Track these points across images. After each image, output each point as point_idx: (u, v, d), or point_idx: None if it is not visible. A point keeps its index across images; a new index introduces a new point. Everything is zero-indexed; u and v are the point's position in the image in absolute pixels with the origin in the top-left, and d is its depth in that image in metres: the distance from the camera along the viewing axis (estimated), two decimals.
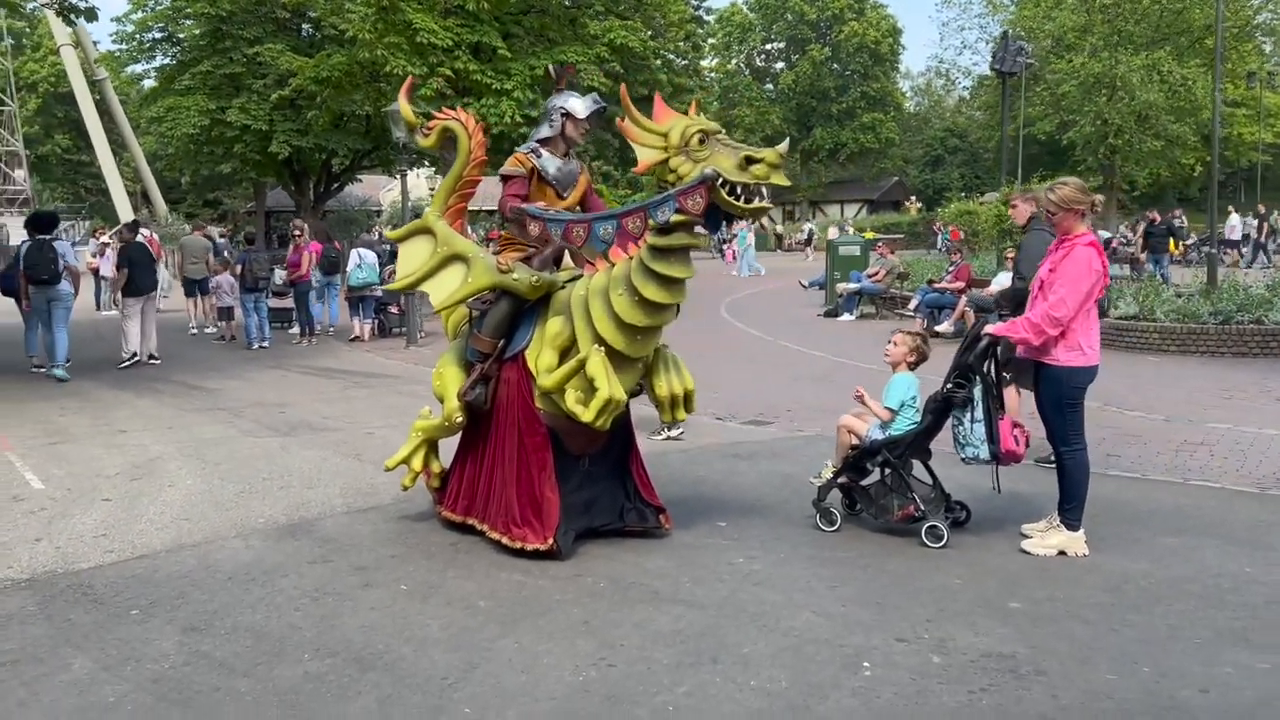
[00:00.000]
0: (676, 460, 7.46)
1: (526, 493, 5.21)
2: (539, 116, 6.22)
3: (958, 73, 47.09)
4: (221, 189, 47.41)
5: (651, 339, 5.10)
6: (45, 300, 11.69)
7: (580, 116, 5.67)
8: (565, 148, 5.78)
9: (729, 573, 4.99)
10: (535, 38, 20.59)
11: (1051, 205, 5.19)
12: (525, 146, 5.79)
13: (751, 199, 4.68)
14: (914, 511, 5.43)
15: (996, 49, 22.42)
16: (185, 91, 26.68)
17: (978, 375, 5.24)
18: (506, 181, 5.57)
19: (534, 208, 5.41)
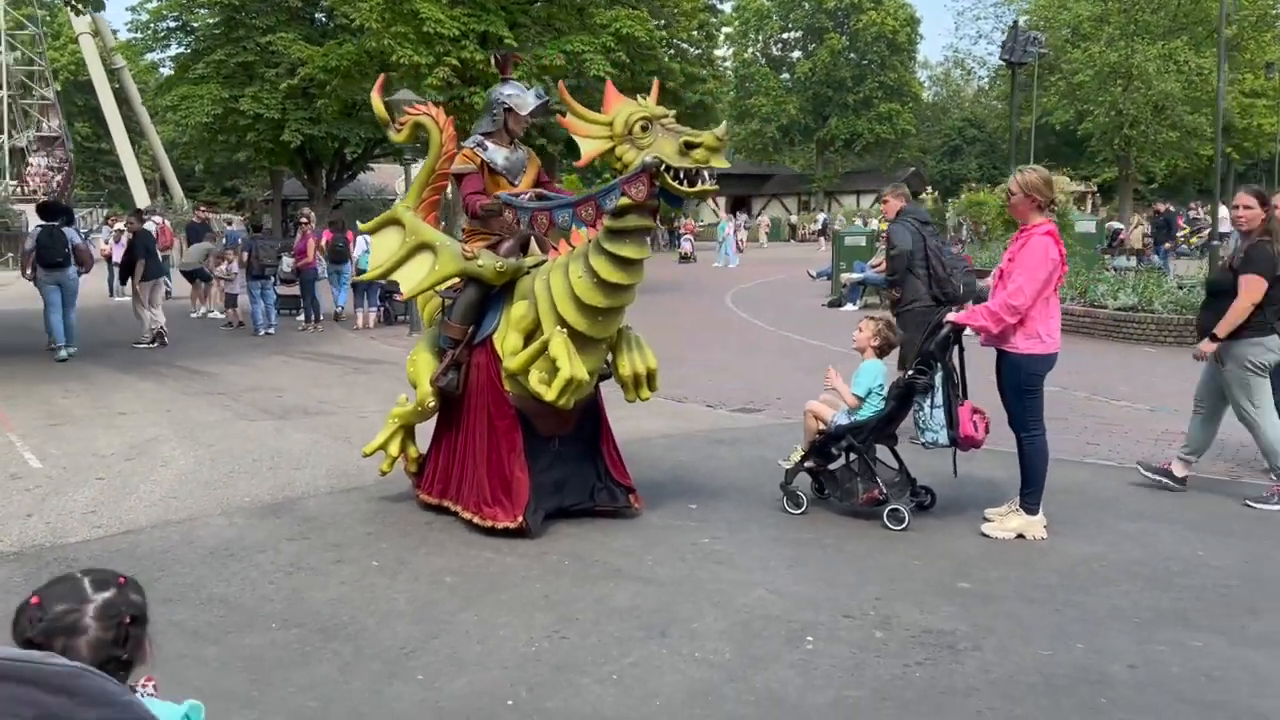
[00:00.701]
0: (659, 445, 7.60)
1: (497, 473, 5.37)
2: (482, 109, 6.33)
3: (973, 62, 46.80)
4: (239, 178, 47.86)
5: (613, 320, 5.23)
6: (55, 283, 12.12)
7: (523, 113, 5.79)
8: (510, 139, 5.89)
9: (691, 552, 5.13)
10: (543, 27, 20.70)
11: (1014, 187, 5.27)
12: (470, 141, 5.87)
13: (695, 183, 4.79)
14: (878, 495, 5.55)
15: (1006, 39, 22.33)
16: (199, 80, 26.96)
17: (939, 362, 5.35)
18: (460, 179, 5.69)
19: (508, 195, 5.52)
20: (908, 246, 7.27)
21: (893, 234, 7.43)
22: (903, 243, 7.29)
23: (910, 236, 7.30)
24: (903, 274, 7.37)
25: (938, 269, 7.26)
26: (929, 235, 7.41)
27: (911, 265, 7.29)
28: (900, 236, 7.35)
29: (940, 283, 7.24)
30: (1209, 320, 6.03)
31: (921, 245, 7.30)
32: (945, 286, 7.24)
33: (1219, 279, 6.14)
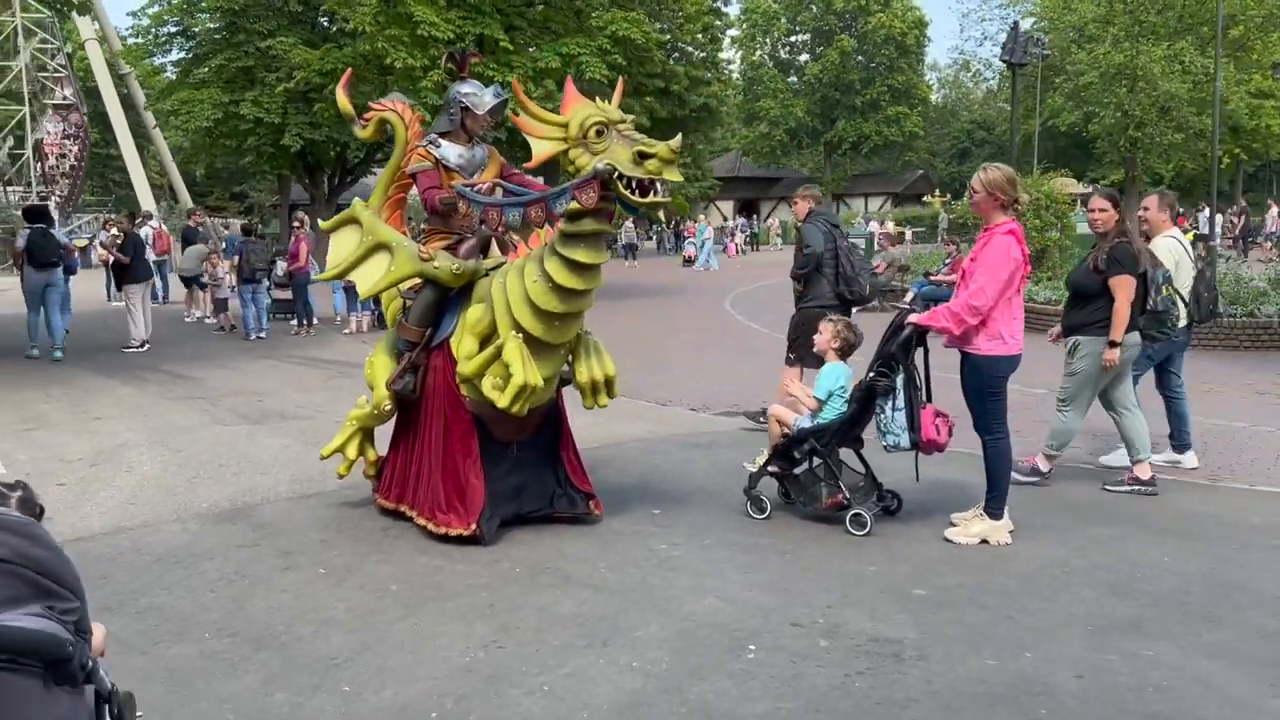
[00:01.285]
0: (634, 449, 7.51)
1: (452, 479, 5.28)
2: (440, 107, 6.25)
3: (979, 65, 46.58)
4: (246, 182, 47.95)
5: (570, 325, 5.13)
6: (44, 284, 12.42)
7: (480, 111, 5.71)
8: (468, 137, 5.81)
9: (646, 558, 5.03)
10: (539, 30, 20.62)
11: (976, 185, 5.16)
12: (425, 140, 5.80)
13: (647, 193, 4.68)
14: (841, 499, 5.44)
15: (1006, 40, 22.16)
16: (200, 85, 26.93)
17: (900, 364, 5.24)
18: (417, 177, 5.62)
19: (461, 186, 5.44)
20: (819, 247, 7.41)
21: (805, 233, 7.58)
22: (815, 243, 7.44)
23: (821, 237, 7.46)
24: (811, 272, 7.52)
25: (846, 269, 7.46)
26: (838, 237, 7.62)
27: (820, 264, 7.45)
28: (812, 236, 7.50)
29: (848, 281, 7.44)
30: (1076, 320, 6.15)
31: (832, 245, 7.46)
32: (853, 285, 7.46)
33: (1085, 280, 6.18)
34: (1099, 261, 6.02)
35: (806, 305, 7.53)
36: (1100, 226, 6.11)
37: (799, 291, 7.74)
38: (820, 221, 7.63)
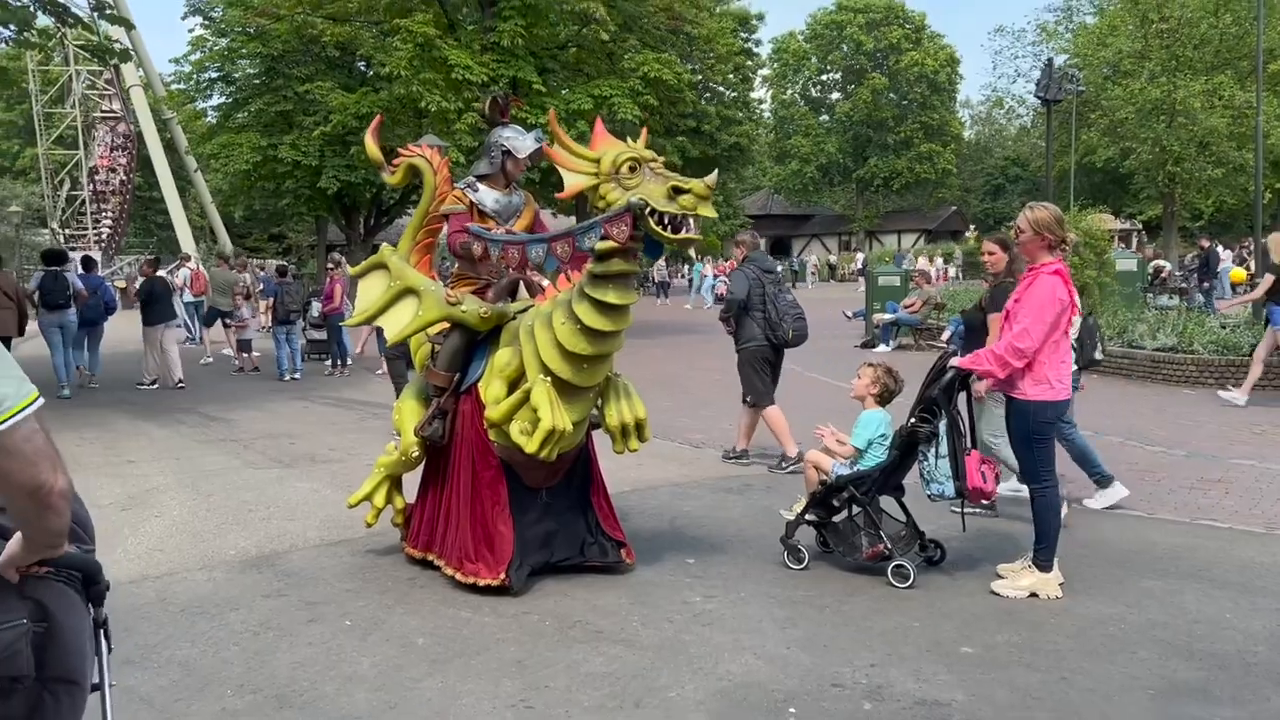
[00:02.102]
0: (665, 494, 7.35)
1: (480, 527, 5.16)
2: (479, 150, 6.23)
3: (1013, 101, 46.32)
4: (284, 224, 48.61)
5: (599, 368, 5.02)
6: (57, 324, 12.89)
7: (521, 156, 5.65)
8: (506, 182, 5.77)
9: (681, 612, 4.86)
10: (572, 72, 20.78)
11: (1023, 225, 5.01)
12: (463, 182, 5.77)
13: (679, 229, 4.59)
14: (883, 550, 5.25)
15: (1041, 76, 22.03)
16: (239, 129, 27.46)
17: (943, 409, 5.07)
18: (449, 219, 5.57)
19: (477, 226, 5.39)
20: (741, 294, 8.06)
21: (733, 280, 8.27)
22: (738, 290, 8.09)
23: (747, 284, 8.05)
24: (738, 316, 8.16)
25: (771, 314, 8.00)
26: (768, 282, 8.12)
27: (749, 308, 8.06)
28: (738, 284, 8.13)
29: (772, 326, 8.01)
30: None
31: (760, 291, 8.04)
32: (776, 330, 8.03)
33: (971, 318, 6.72)
34: (983, 300, 6.57)
35: (744, 346, 8.25)
36: (992, 268, 6.57)
37: (731, 333, 8.37)
38: (751, 268, 8.17)
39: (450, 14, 20.30)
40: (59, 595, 2.16)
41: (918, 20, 58.29)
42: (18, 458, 1.86)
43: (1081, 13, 39.47)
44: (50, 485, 1.91)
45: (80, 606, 2.24)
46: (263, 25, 25.13)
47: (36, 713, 2.10)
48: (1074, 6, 39.54)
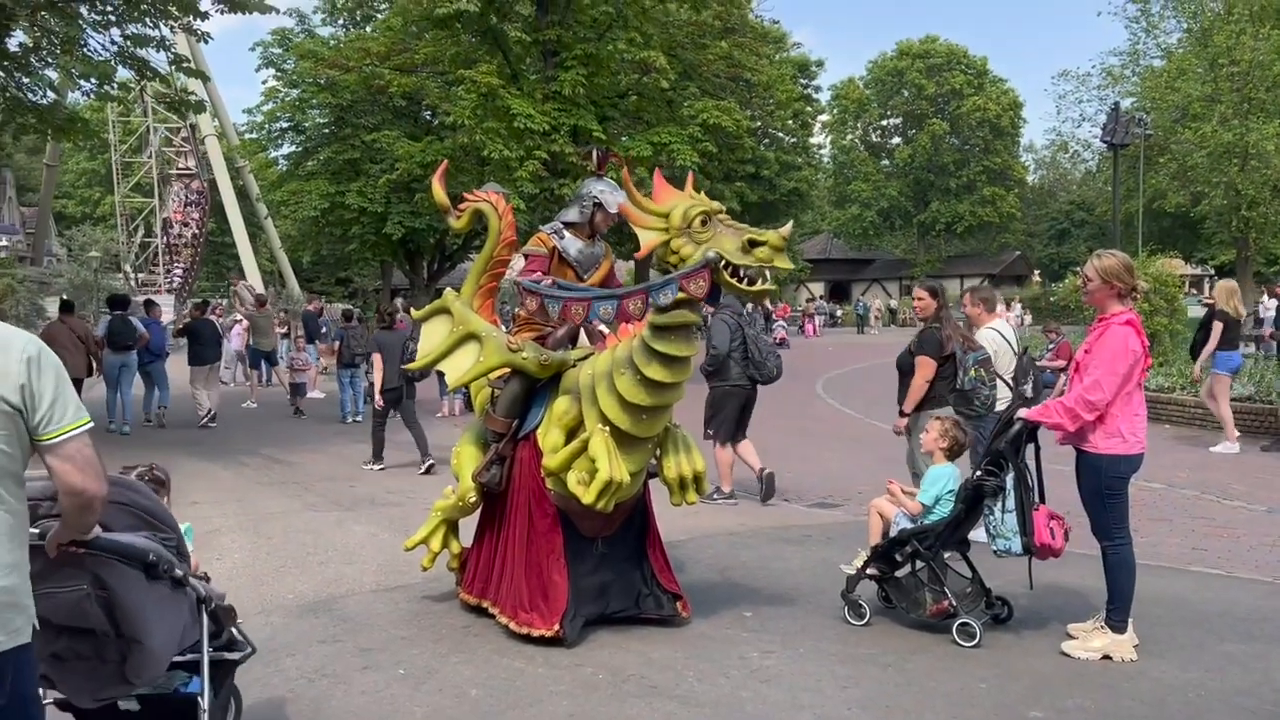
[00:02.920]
0: (722, 543, 7.25)
1: (535, 576, 5.12)
2: (571, 198, 6.28)
3: (1077, 145, 45.69)
4: (350, 268, 49.61)
5: (659, 419, 4.97)
6: (119, 365, 13.65)
7: (612, 210, 5.69)
8: (591, 233, 5.81)
9: (738, 667, 4.75)
10: (631, 120, 20.99)
11: (1091, 273, 4.87)
12: (549, 227, 5.85)
13: (755, 281, 4.57)
14: (947, 607, 5.10)
15: (1107, 121, 21.72)
16: (308, 176, 28.16)
17: (1010, 463, 4.92)
18: (526, 260, 5.62)
19: (529, 281, 5.41)
20: (724, 348, 8.48)
21: (714, 330, 8.62)
22: (720, 344, 8.49)
23: (729, 334, 8.48)
24: (720, 366, 8.56)
25: (755, 354, 8.44)
26: (746, 325, 8.56)
27: (730, 353, 8.48)
28: (719, 335, 8.52)
29: (757, 366, 8.45)
30: (901, 397, 7.06)
31: (740, 336, 8.48)
32: (761, 369, 8.48)
33: (901, 360, 7.11)
34: (912, 344, 7.00)
35: (717, 385, 8.60)
36: (921, 313, 7.04)
37: (709, 373, 8.63)
38: (728, 314, 8.50)
39: (514, 64, 20.67)
40: (117, 572, 2.83)
41: (979, 65, 58.01)
42: (70, 463, 2.46)
43: (1148, 56, 38.92)
44: (90, 489, 2.51)
45: (139, 582, 2.89)
46: (332, 76, 25.83)
47: (127, 661, 2.94)
48: (1140, 50, 39.01)
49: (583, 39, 19.45)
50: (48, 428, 2.43)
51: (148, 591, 2.93)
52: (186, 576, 3.13)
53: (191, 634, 3.23)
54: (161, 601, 3.00)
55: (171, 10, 12.75)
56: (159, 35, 13.63)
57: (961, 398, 6.67)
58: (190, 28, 13.94)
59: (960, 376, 6.66)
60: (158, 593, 2.98)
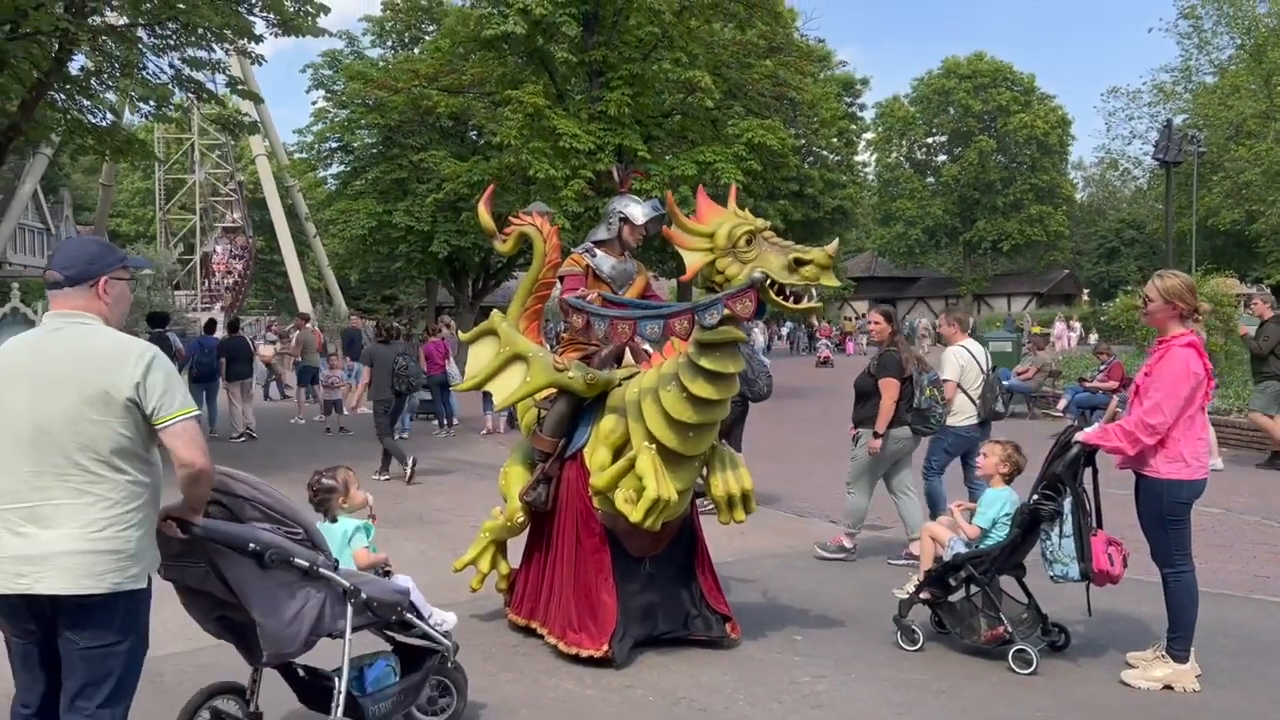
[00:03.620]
0: (770, 565, 7.19)
1: (583, 596, 5.10)
2: (600, 217, 6.31)
3: (1127, 163, 45.06)
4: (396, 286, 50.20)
5: (705, 436, 4.95)
6: None
7: (638, 223, 5.71)
8: (621, 249, 5.83)
9: (790, 692, 4.70)
10: (676, 139, 21.01)
11: (1152, 294, 4.77)
12: (581, 247, 5.88)
13: (800, 299, 4.54)
14: (1003, 633, 5.01)
15: (1160, 138, 21.41)
16: (356, 196, 28.51)
17: (1068, 487, 4.83)
18: (563, 280, 5.64)
19: (575, 299, 5.43)
20: None
21: None
22: None
23: None
24: None
25: (748, 372, 8.03)
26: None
27: None
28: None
29: (749, 383, 8.19)
30: (857, 416, 7.35)
31: None
32: (754, 387, 8.42)
33: (862, 382, 7.36)
34: (871, 367, 7.27)
35: None
36: (876, 336, 7.43)
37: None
38: None
39: (559, 85, 20.80)
40: (223, 556, 3.29)
41: (1027, 82, 57.47)
42: (178, 440, 3.02)
43: (1200, 73, 38.39)
44: (197, 463, 3.04)
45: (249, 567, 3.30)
46: (381, 97, 26.16)
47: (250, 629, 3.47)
48: (1192, 66, 38.49)
49: (628, 59, 19.53)
50: (160, 415, 2.99)
51: (260, 577, 3.32)
52: (316, 568, 3.46)
53: (334, 621, 3.59)
54: (278, 587, 3.38)
55: (227, 34, 13.02)
56: (214, 58, 13.94)
57: (918, 416, 7.01)
58: (245, 50, 14.23)
59: (917, 396, 6.97)
60: (273, 579, 3.35)
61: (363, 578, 3.78)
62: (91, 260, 3.14)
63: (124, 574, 2.99)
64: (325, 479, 4.25)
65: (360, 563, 4.11)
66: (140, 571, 3.04)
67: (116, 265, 3.17)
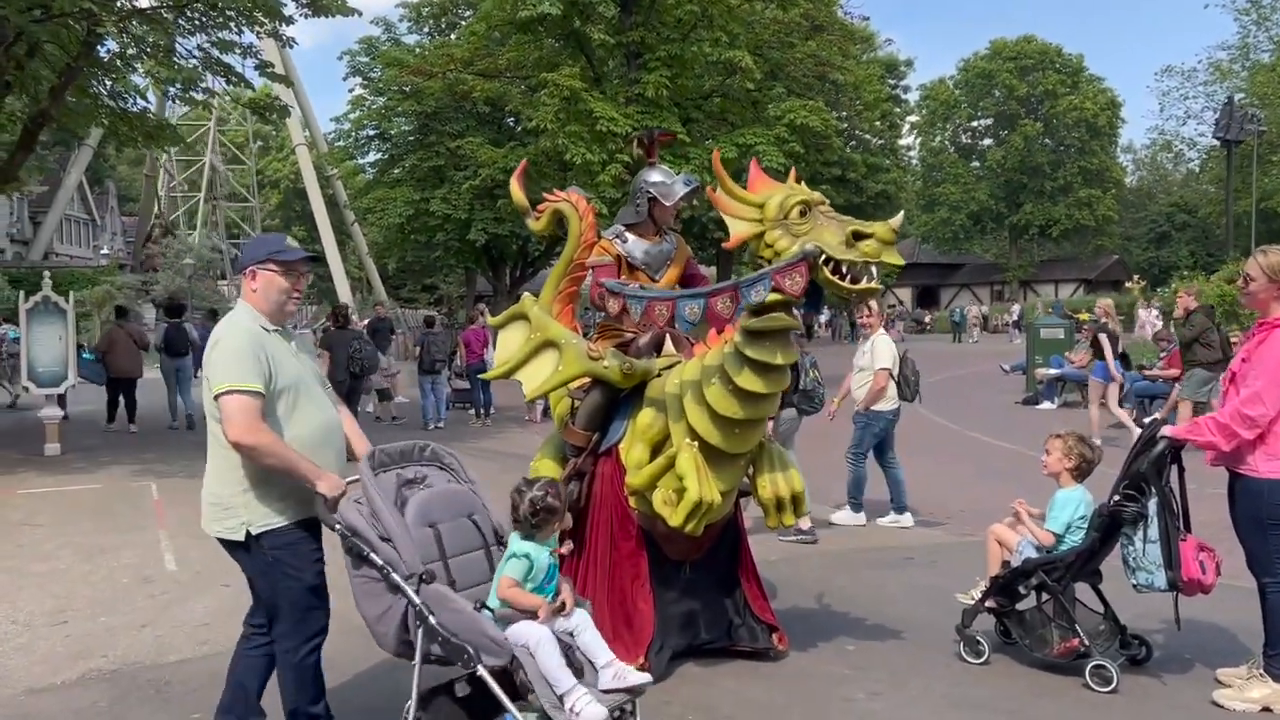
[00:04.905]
0: (815, 565, 6.78)
1: (618, 603, 4.72)
2: (625, 196, 5.86)
3: (1182, 144, 43.81)
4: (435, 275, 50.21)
5: (753, 433, 4.53)
6: (174, 368, 15.00)
7: (669, 201, 5.25)
8: (656, 229, 5.38)
9: (842, 711, 4.29)
10: (716, 121, 20.57)
11: (1254, 271, 4.28)
12: (610, 232, 5.43)
13: (859, 279, 4.08)
14: (1078, 646, 4.56)
15: (1220, 116, 20.59)
16: (394, 184, 28.42)
17: (1153, 486, 4.36)
18: (594, 271, 5.21)
19: (612, 282, 5.01)
20: None
21: None
22: None
23: None
24: None
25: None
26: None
27: None
28: None
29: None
30: None
31: None
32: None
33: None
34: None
35: None
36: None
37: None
38: None
39: (596, 67, 20.44)
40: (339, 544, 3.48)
41: (1075, 64, 56.11)
42: (222, 412, 3.38)
43: (1259, 50, 37.15)
44: (232, 437, 3.35)
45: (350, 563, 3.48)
46: (417, 84, 25.97)
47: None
48: (1250, 44, 37.28)
49: (667, 40, 19.10)
50: (213, 388, 3.42)
51: (355, 574, 3.42)
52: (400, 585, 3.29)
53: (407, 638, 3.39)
54: (369, 589, 3.41)
55: (257, 15, 12.75)
56: (244, 41, 13.70)
57: (804, 397, 7.29)
58: (275, 33, 13.97)
59: (803, 378, 7.18)
60: (365, 579, 3.38)
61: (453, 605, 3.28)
62: (248, 253, 3.70)
63: (221, 524, 3.52)
64: (551, 498, 3.61)
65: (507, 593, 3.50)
66: (237, 525, 3.47)
67: (262, 257, 3.61)
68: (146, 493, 9.83)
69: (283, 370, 3.53)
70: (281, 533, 3.51)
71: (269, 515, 3.49)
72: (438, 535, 3.59)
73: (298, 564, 3.55)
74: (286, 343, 3.66)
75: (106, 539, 7.80)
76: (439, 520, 3.62)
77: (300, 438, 3.50)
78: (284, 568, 3.53)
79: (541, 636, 3.34)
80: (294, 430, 3.50)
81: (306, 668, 3.65)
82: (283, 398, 3.52)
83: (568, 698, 3.23)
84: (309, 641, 3.61)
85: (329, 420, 3.70)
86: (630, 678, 3.44)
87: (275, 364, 3.50)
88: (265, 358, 3.47)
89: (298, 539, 3.53)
